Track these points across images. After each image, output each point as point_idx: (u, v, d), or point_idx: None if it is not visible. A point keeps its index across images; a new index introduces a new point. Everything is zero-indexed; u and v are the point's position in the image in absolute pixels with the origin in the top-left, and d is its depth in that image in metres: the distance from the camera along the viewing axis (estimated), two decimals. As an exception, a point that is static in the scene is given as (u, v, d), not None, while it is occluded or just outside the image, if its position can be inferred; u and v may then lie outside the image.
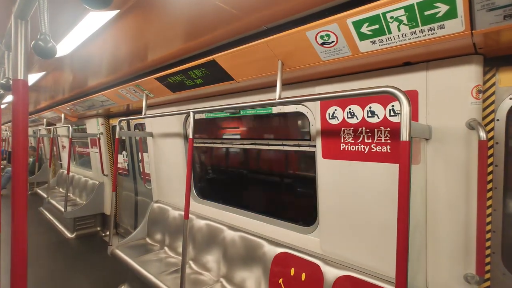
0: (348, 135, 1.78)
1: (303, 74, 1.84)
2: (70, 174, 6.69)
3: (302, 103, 2.10)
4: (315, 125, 1.97)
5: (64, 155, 7.32)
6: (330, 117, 1.84)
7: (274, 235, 2.34)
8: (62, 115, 5.36)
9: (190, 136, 2.21)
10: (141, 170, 4.30)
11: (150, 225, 3.58)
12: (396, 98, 1.17)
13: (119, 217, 5.08)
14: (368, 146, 1.69)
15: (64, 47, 2.00)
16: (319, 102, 1.89)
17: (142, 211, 4.47)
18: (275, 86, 1.71)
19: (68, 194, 6.50)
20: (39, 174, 8.13)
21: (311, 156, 2.15)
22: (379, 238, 1.71)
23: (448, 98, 1.40)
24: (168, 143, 3.39)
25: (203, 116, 3.01)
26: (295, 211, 2.59)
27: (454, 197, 1.44)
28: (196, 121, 2.24)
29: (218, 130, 3.19)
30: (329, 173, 1.90)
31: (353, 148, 1.75)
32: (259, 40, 1.58)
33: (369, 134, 1.68)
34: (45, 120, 6.78)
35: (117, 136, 3.24)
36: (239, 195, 3.16)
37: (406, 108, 1.13)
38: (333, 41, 1.37)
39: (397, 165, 1.16)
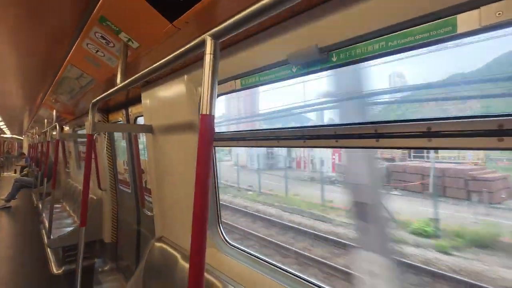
0: None
1: None
2: (74, 185, 5.57)
3: None
4: None
5: (72, 162, 6.26)
6: None
7: None
8: (54, 112, 4.20)
9: (202, 112, 0.77)
10: (138, 184, 2.92)
11: (148, 276, 2.17)
12: None
13: (120, 246, 3.76)
14: None
15: None
16: None
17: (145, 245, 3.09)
18: None
19: (68, 210, 5.39)
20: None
21: None
22: None
23: None
24: (176, 143, 1.99)
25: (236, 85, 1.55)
26: None
27: None
28: None
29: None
30: None
31: None
32: None
33: None
34: (45, 121, 5.76)
35: (89, 132, 1.90)
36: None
37: None
38: None
39: None
